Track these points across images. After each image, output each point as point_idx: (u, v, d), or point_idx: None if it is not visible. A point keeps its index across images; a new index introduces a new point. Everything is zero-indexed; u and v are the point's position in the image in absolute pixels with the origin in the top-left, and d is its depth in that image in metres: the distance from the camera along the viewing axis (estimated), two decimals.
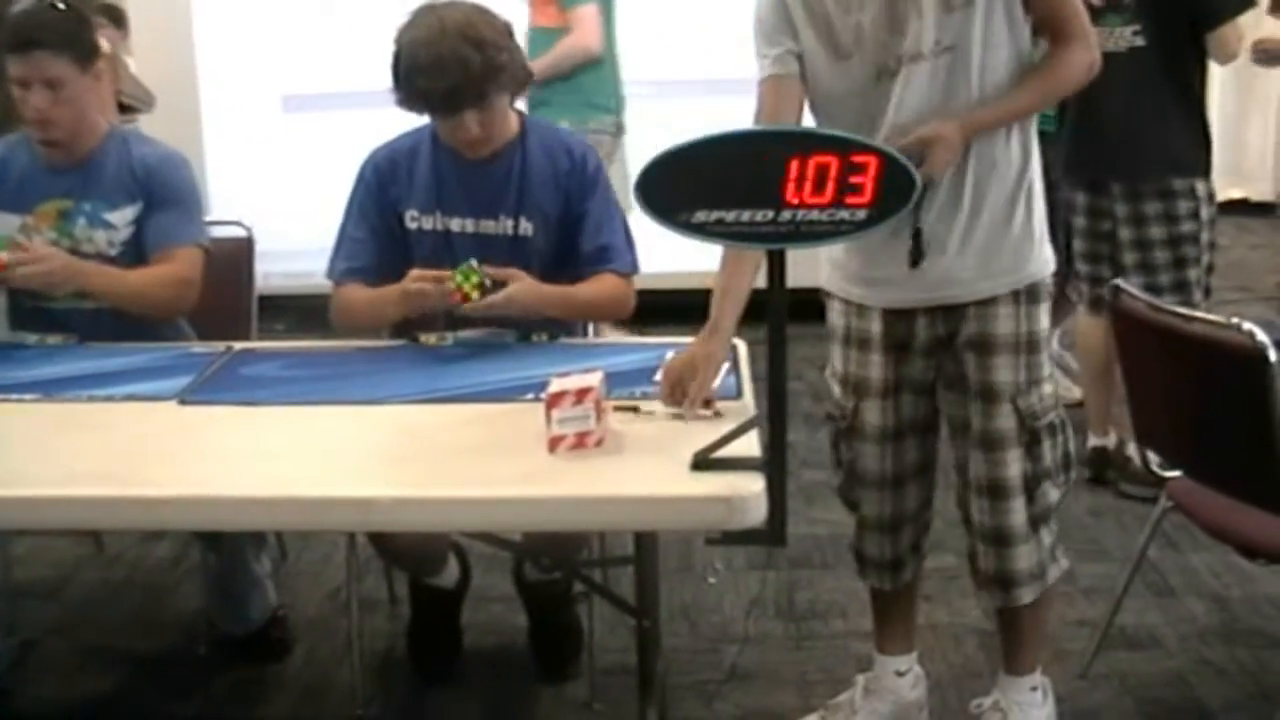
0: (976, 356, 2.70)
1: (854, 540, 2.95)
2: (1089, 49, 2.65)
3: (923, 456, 2.86)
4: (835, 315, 2.86)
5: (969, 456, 2.76)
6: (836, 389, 2.89)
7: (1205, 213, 4.10)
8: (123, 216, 3.18)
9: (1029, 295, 2.69)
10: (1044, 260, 2.73)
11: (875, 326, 2.78)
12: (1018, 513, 2.72)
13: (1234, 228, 7.42)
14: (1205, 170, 4.14)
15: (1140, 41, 4.03)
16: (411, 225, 3.11)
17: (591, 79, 5.08)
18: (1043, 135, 4.42)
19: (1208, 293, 4.19)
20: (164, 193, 3.20)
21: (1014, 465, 2.71)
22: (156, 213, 3.19)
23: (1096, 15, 4.02)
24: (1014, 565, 2.75)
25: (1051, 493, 2.75)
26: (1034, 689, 2.93)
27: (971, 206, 2.64)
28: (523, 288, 2.93)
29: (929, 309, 2.72)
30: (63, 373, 2.90)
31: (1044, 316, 2.72)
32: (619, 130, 5.17)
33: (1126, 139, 4.11)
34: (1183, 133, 4.07)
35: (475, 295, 2.87)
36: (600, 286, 3.10)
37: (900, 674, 3.02)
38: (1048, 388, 2.72)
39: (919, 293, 2.71)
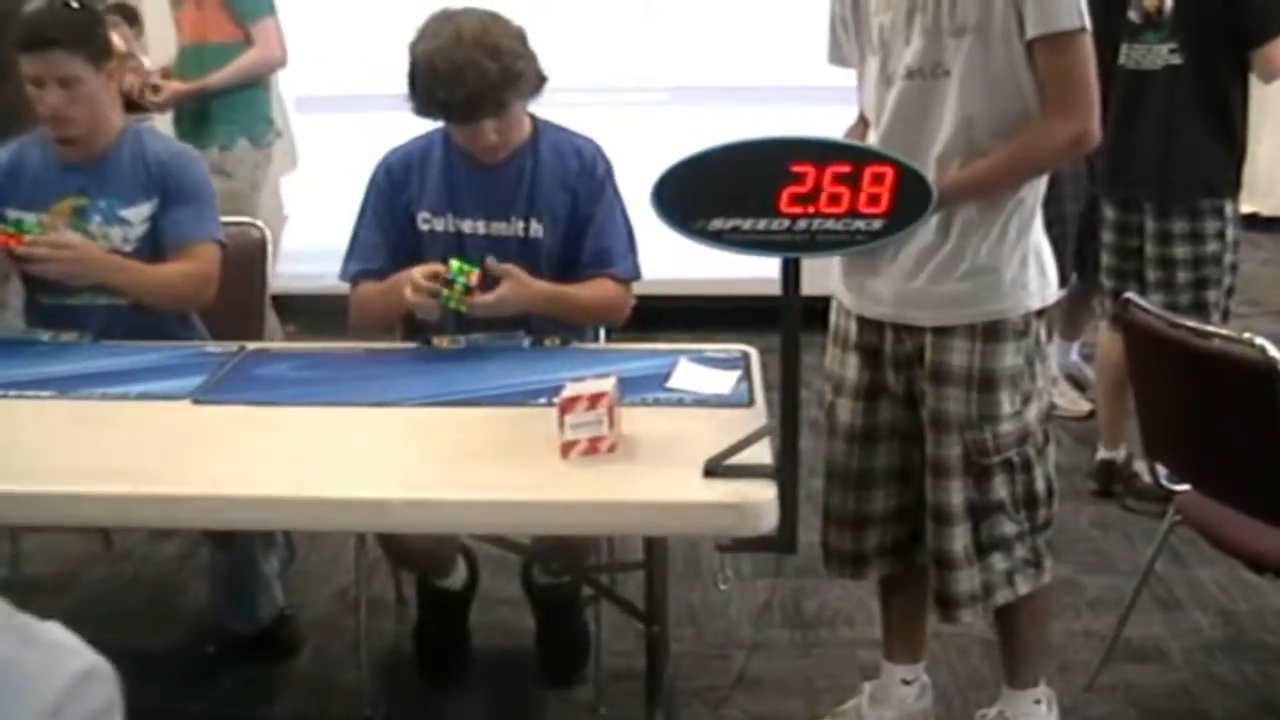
0: (931, 384, 2.68)
1: (820, 530, 2.95)
2: (1077, 120, 2.51)
3: (900, 463, 2.82)
4: (832, 312, 2.88)
5: (924, 478, 2.76)
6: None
7: (1231, 233, 4.10)
8: (138, 213, 3.19)
9: (988, 332, 2.62)
10: (1018, 297, 2.63)
11: (853, 329, 2.80)
12: (959, 539, 2.71)
13: (1244, 243, 7.38)
14: (1234, 191, 4.14)
15: (1177, 60, 3.99)
16: (424, 227, 3.12)
17: (262, 92, 5.18)
18: None
19: (1226, 315, 4.18)
20: (179, 189, 3.22)
21: (957, 494, 2.69)
22: (172, 209, 3.21)
23: (1135, 32, 4.04)
24: (953, 588, 2.74)
25: (1006, 525, 2.71)
26: (1037, 701, 2.93)
27: (935, 233, 2.60)
28: (513, 287, 2.94)
29: (894, 325, 2.72)
30: (76, 370, 2.91)
31: (1009, 354, 2.63)
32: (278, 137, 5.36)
33: (1159, 157, 4.08)
34: (1215, 153, 4.04)
35: (462, 290, 2.88)
36: (596, 289, 3.12)
37: (906, 683, 3.03)
38: (1007, 426, 2.65)
39: (883, 307, 2.72)
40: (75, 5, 3.20)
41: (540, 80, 3.06)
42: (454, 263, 2.89)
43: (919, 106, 2.58)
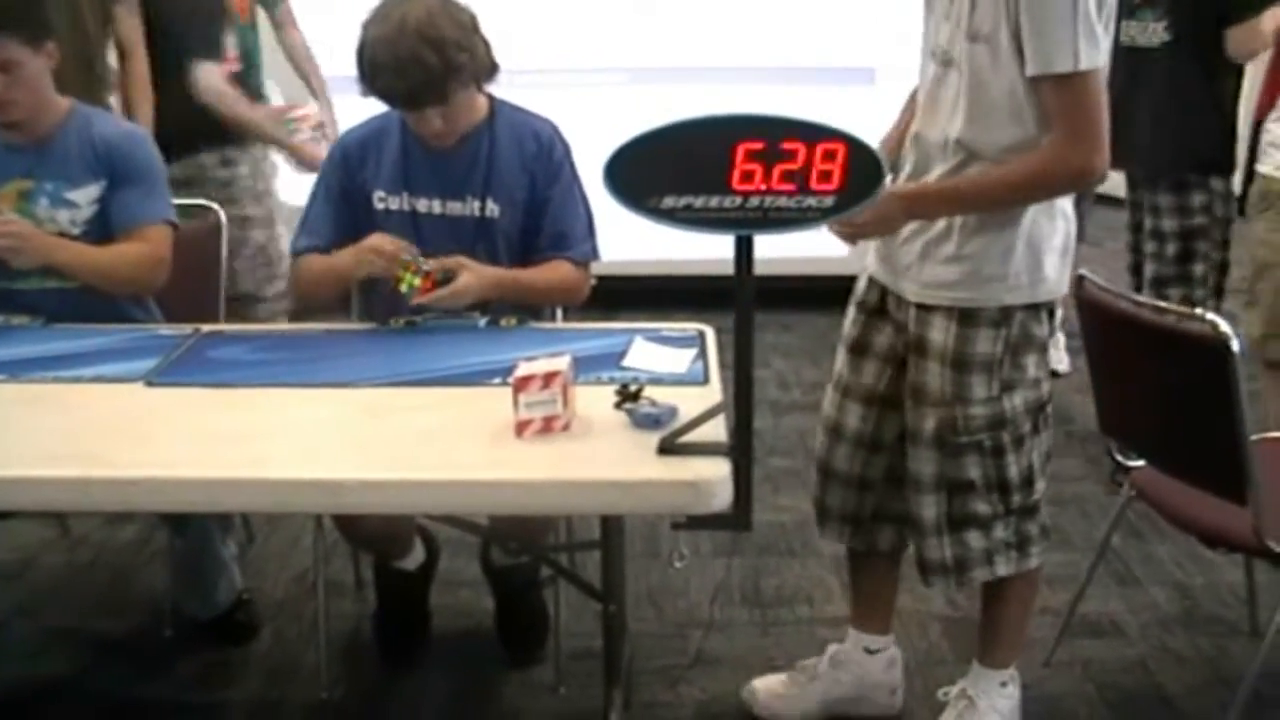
0: (914, 355, 2.72)
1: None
2: (1079, 156, 2.47)
3: (871, 431, 2.85)
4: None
5: (896, 451, 2.81)
6: None
7: (1220, 209, 4.23)
8: (85, 195, 3.16)
9: (964, 317, 2.64)
10: (993, 290, 2.62)
11: (861, 284, 2.88)
12: (929, 507, 2.74)
13: None
14: (1223, 168, 4.28)
15: (1169, 37, 4.15)
16: (379, 206, 3.12)
17: None
18: None
19: (1218, 292, 4.32)
20: (127, 170, 3.18)
21: (929, 464, 2.72)
22: (121, 190, 3.17)
23: (1133, 10, 4.21)
24: (924, 554, 2.79)
25: (978, 504, 2.72)
26: (1004, 684, 2.95)
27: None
28: (470, 279, 2.95)
29: (895, 293, 2.76)
30: (28, 353, 2.89)
31: (983, 341, 2.63)
32: None
33: (1151, 132, 4.23)
34: (1205, 129, 4.23)
35: (414, 286, 2.90)
36: (553, 272, 3.12)
37: (870, 651, 3.05)
38: (979, 409, 2.66)
39: (884, 274, 2.78)
40: None
41: (491, 67, 3.05)
42: (403, 285, 2.92)
43: (936, 92, 2.63)
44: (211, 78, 4.06)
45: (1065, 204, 2.68)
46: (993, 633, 2.95)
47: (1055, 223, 2.65)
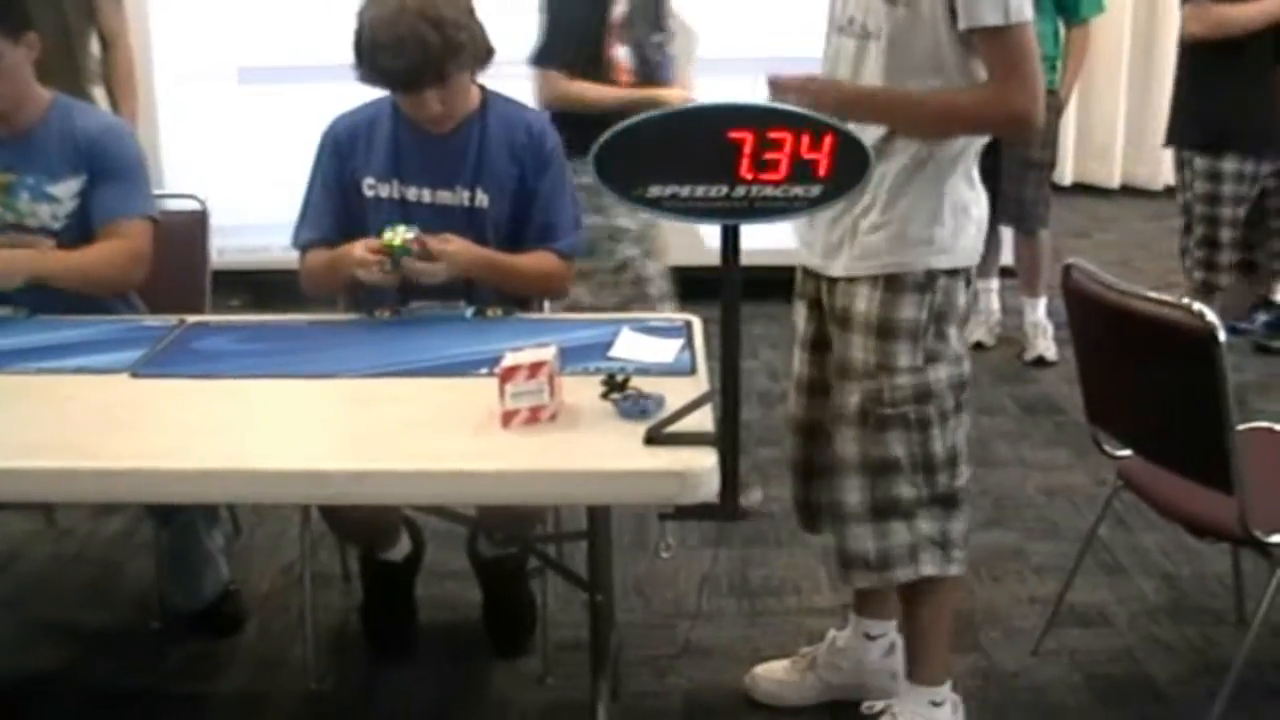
0: (839, 330, 2.71)
1: None
2: (1010, 99, 2.51)
3: None
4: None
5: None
6: None
7: (1200, 187, 4.51)
8: (66, 189, 3.13)
9: (888, 283, 2.62)
10: (919, 253, 2.62)
11: (800, 279, 2.86)
12: (852, 492, 2.70)
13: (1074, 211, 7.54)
14: (1205, 146, 4.57)
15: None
16: (369, 193, 3.11)
17: None
18: None
19: (1190, 272, 4.61)
20: (109, 164, 3.16)
21: (852, 444, 2.68)
22: (102, 185, 3.15)
23: None
24: (847, 544, 2.73)
25: (902, 486, 2.67)
26: (936, 704, 2.85)
27: None
28: (457, 249, 2.95)
29: (825, 277, 2.75)
30: (12, 345, 2.87)
31: (908, 306, 2.62)
32: None
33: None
34: (1186, 106, 4.62)
35: (399, 248, 2.88)
36: (537, 262, 3.12)
37: (870, 637, 3.04)
38: (905, 379, 2.63)
39: (811, 257, 2.77)
40: None
41: (488, 52, 3.05)
42: (387, 234, 2.89)
43: (850, 65, 2.62)
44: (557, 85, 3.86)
45: (978, 177, 2.71)
46: (914, 643, 2.88)
47: (975, 191, 2.69)
